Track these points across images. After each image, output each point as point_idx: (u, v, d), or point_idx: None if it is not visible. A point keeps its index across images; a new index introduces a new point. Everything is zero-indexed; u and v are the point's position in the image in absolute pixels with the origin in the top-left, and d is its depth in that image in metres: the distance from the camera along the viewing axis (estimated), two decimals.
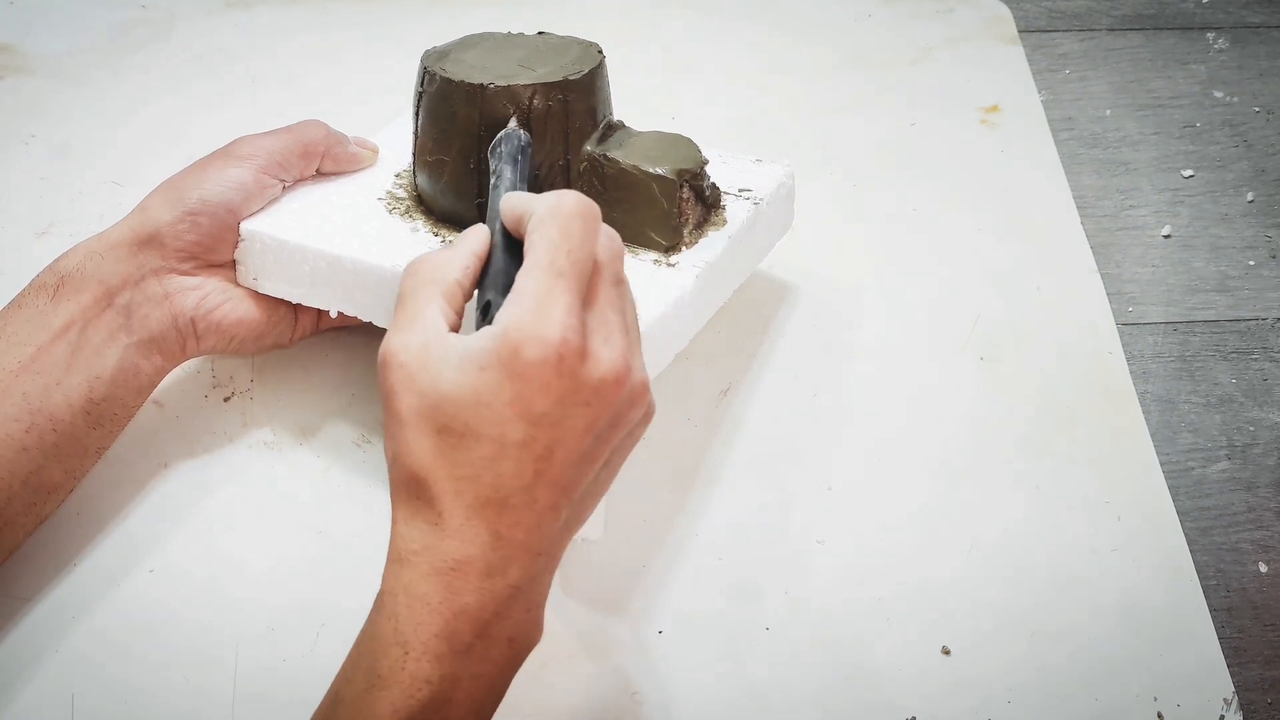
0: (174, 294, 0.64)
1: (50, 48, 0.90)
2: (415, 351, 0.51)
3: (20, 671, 0.61)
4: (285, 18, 0.92)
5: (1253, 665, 0.64)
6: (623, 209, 0.65)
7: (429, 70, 0.65)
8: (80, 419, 0.61)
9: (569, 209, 0.52)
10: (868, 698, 0.62)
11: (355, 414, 0.71)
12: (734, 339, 0.74)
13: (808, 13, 0.94)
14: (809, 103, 0.88)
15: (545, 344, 0.49)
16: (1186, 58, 0.93)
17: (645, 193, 0.65)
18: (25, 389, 0.60)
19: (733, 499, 0.68)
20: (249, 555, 0.65)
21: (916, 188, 0.83)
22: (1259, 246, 0.83)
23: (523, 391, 0.49)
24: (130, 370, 0.63)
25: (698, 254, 0.66)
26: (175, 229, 0.64)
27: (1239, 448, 0.73)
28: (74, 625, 0.62)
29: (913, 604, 0.65)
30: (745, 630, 0.64)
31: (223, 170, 0.65)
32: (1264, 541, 0.69)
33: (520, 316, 0.50)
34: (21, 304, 0.62)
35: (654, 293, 0.63)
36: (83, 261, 0.63)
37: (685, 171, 0.65)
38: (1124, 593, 0.65)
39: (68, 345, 0.61)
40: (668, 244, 0.66)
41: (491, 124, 0.64)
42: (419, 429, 0.50)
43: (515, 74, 0.64)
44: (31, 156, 0.83)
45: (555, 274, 0.50)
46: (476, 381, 0.50)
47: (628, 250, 0.65)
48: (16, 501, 0.60)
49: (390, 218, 0.68)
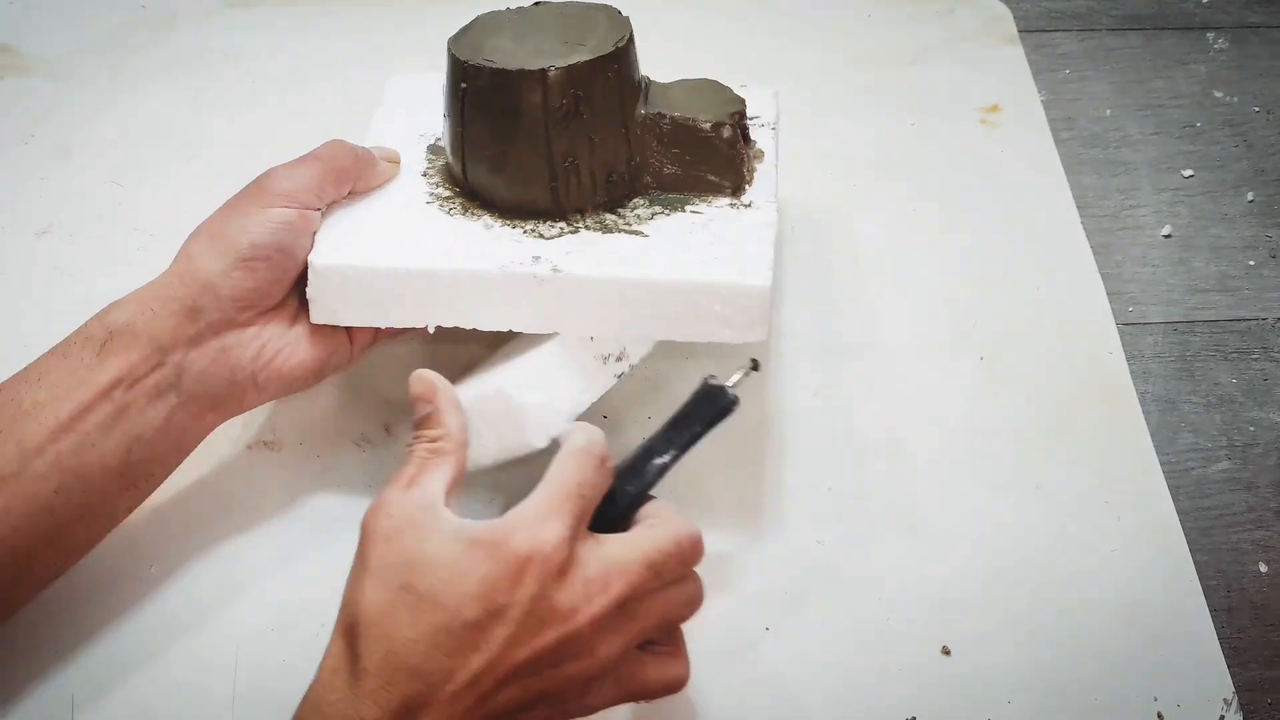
0: (232, 348, 0.61)
1: (50, 48, 0.90)
2: (409, 511, 0.53)
3: (20, 671, 0.61)
4: (285, 18, 0.92)
5: (1253, 665, 0.64)
6: (685, 162, 0.67)
7: (470, 64, 0.64)
8: (114, 480, 0.58)
9: (595, 451, 0.55)
10: (868, 698, 0.62)
11: (355, 414, 0.71)
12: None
13: (807, 13, 0.94)
14: (809, 103, 0.88)
15: (534, 542, 0.52)
16: (1186, 58, 0.93)
17: (706, 142, 0.67)
18: (60, 448, 0.57)
19: (732, 499, 0.68)
20: (249, 555, 0.65)
21: (916, 187, 0.83)
22: (1259, 246, 0.83)
23: (494, 574, 0.51)
24: (176, 430, 0.60)
25: (761, 188, 0.68)
26: (230, 278, 0.60)
27: (1239, 448, 0.73)
28: (74, 625, 0.62)
29: (913, 604, 0.65)
30: (745, 630, 0.64)
31: (265, 210, 0.62)
32: (1264, 541, 0.69)
33: (525, 513, 0.53)
34: (66, 353, 0.59)
35: (756, 234, 0.65)
36: (133, 316, 0.59)
37: (735, 114, 0.67)
38: (1124, 593, 0.65)
39: (111, 405, 0.58)
40: (733, 185, 0.68)
41: (557, 108, 0.63)
42: (380, 580, 0.52)
43: (565, 52, 0.64)
44: (31, 156, 0.83)
45: (565, 495, 0.53)
46: (460, 553, 0.52)
47: (694, 202, 0.67)
48: (38, 560, 0.58)
49: (455, 219, 0.67)
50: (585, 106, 0.64)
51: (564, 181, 0.65)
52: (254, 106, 0.86)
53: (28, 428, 0.57)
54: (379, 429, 0.70)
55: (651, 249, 0.64)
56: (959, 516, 0.68)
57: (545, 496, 0.53)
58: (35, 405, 0.57)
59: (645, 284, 0.63)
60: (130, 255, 0.77)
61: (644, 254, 0.64)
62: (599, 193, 0.66)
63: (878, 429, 0.71)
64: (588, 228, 0.66)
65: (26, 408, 0.57)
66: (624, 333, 0.64)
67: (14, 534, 0.56)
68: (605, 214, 0.67)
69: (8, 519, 0.56)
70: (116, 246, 0.78)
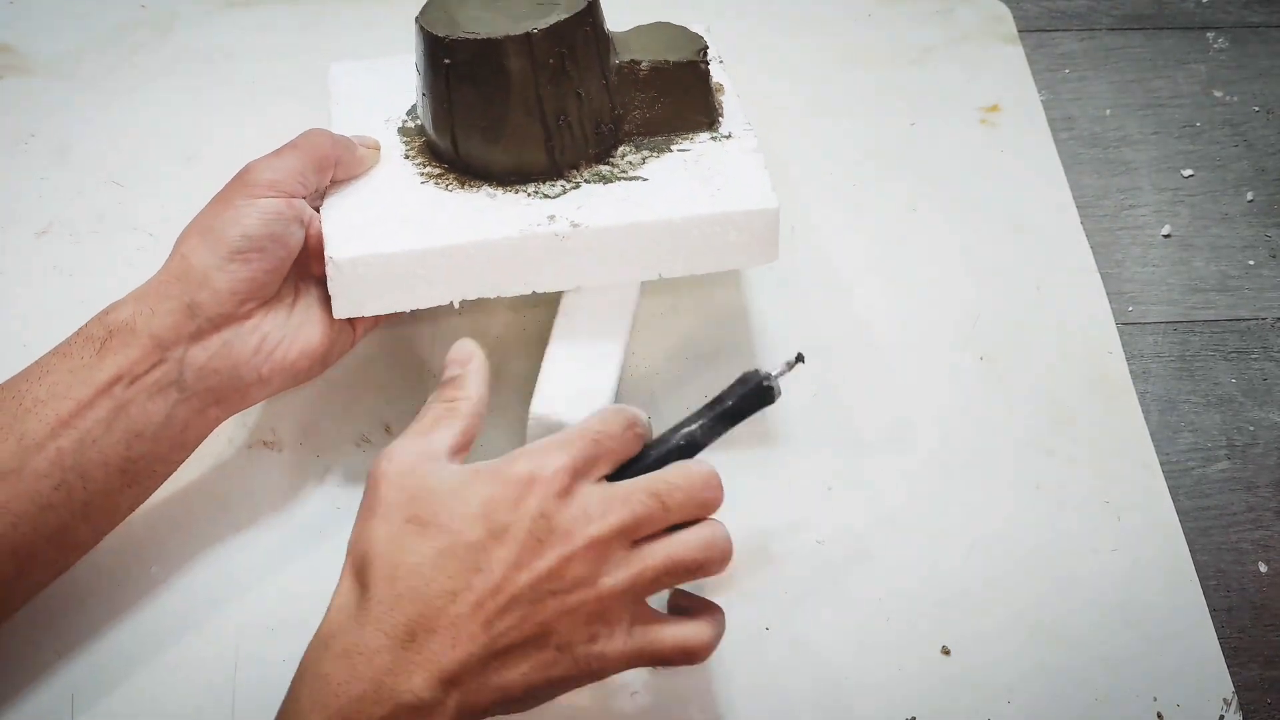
0: (233, 342, 0.61)
1: (50, 48, 0.89)
2: (414, 459, 0.54)
3: (20, 671, 0.61)
4: (285, 18, 0.92)
5: (1253, 665, 0.64)
6: (663, 104, 0.69)
7: (452, 38, 0.64)
8: (115, 477, 0.59)
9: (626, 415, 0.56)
10: (868, 697, 0.62)
11: (355, 414, 0.71)
12: (734, 339, 0.74)
13: (807, 12, 0.94)
14: (809, 103, 0.88)
15: (536, 465, 0.53)
16: (1186, 58, 0.93)
17: (682, 82, 0.69)
18: (60, 444, 0.57)
19: (733, 499, 0.68)
20: (249, 555, 0.65)
21: (916, 188, 0.83)
22: (1259, 246, 0.83)
23: (496, 496, 0.52)
24: (177, 426, 0.60)
25: (733, 120, 0.71)
26: (225, 271, 0.61)
27: (1239, 448, 0.73)
28: (74, 625, 0.62)
29: (913, 604, 0.65)
30: (745, 630, 0.64)
31: (253, 201, 0.62)
32: (1264, 541, 0.69)
33: (533, 446, 0.54)
34: (67, 353, 0.59)
35: (747, 161, 0.68)
36: (132, 315, 0.60)
37: (702, 50, 0.69)
38: (1124, 593, 0.65)
39: (111, 401, 0.58)
40: (710, 120, 0.70)
41: (545, 67, 0.65)
42: (388, 518, 0.53)
43: (541, 14, 0.65)
44: (31, 156, 0.83)
45: (572, 437, 0.55)
46: (464, 482, 0.53)
47: (677, 141, 0.69)
48: (38, 558, 0.58)
49: (456, 194, 0.67)
50: (570, 63, 0.65)
51: (559, 139, 0.67)
52: (254, 106, 0.86)
53: (28, 425, 0.57)
54: (379, 429, 0.70)
55: (657, 191, 0.67)
56: (959, 516, 0.68)
57: (560, 435, 0.55)
58: (36, 402, 0.57)
59: (663, 225, 0.66)
60: (130, 255, 0.77)
61: (652, 197, 0.66)
62: (590, 145, 0.68)
63: (878, 429, 0.71)
64: (587, 181, 0.67)
65: (27, 405, 0.57)
66: (643, 275, 0.67)
67: (13, 531, 0.56)
68: (599, 166, 0.68)
69: (7, 516, 0.56)
70: (116, 246, 0.78)
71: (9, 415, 0.57)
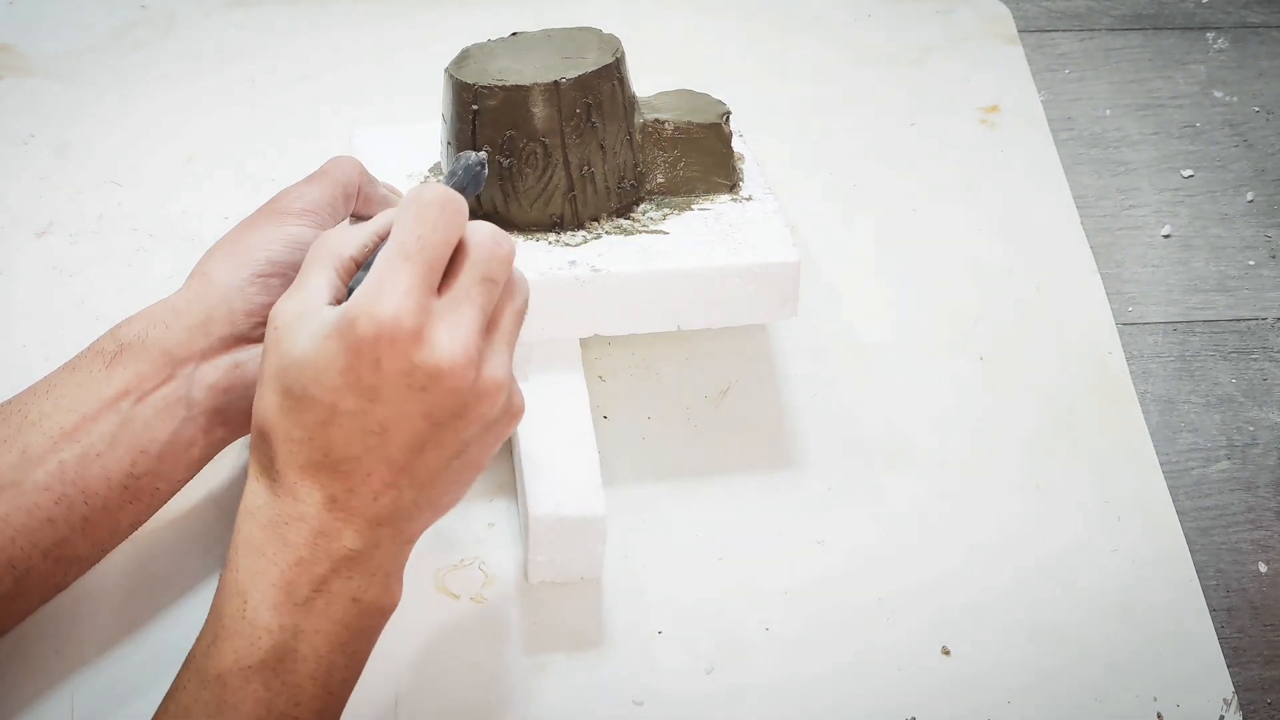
0: (245, 363, 0.60)
1: (50, 48, 0.89)
2: (289, 316, 0.53)
3: (20, 671, 0.61)
4: (285, 17, 0.92)
5: (1253, 665, 0.64)
6: (685, 164, 0.70)
7: (481, 85, 0.65)
8: (117, 493, 0.58)
9: (428, 197, 0.53)
10: (868, 698, 0.62)
11: None
12: (734, 339, 0.74)
13: (807, 12, 0.94)
14: (808, 102, 0.88)
15: (376, 321, 0.51)
16: (1186, 58, 0.93)
17: (704, 144, 0.70)
18: (62, 457, 0.56)
19: (733, 499, 0.68)
20: None
21: (916, 188, 0.83)
22: (1259, 246, 0.83)
23: (353, 364, 0.51)
24: (182, 445, 0.59)
25: (754, 183, 0.71)
26: (245, 293, 0.60)
27: (1239, 448, 0.73)
28: (74, 625, 0.62)
29: (913, 604, 0.65)
30: (745, 630, 0.64)
31: (280, 228, 0.62)
32: (1264, 541, 0.69)
33: (361, 293, 0.51)
34: (76, 366, 0.59)
35: (769, 220, 0.69)
36: (145, 329, 0.59)
37: (724, 114, 0.70)
38: (1124, 593, 0.65)
39: (117, 416, 0.57)
40: (731, 183, 0.71)
41: (571, 118, 0.65)
42: (271, 387, 0.53)
43: (569, 66, 0.66)
44: (31, 156, 0.83)
45: (402, 257, 0.52)
46: (318, 349, 0.51)
47: (698, 201, 0.70)
48: (35, 573, 0.57)
49: None
50: (595, 115, 0.66)
51: (581, 191, 0.67)
52: (254, 106, 0.86)
53: (31, 437, 0.57)
54: None
55: (679, 244, 0.67)
56: (959, 516, 0.68)
57: (383, 262, 0.52)
58: (41, 415, 0.57)
59: (685, 274, 0.66)
60: (130, 255, 0.77)
61: (674, 249, 0.67)
62: (612, 199, 0.68)
63: (877, 429, 0.71)
64: (608, 233, 0.68)
65: (33, 418, 0.57)
66: (661, 326, 0.67)
67: (11, 545, 0.56)
68: (620, 220, 0.69)
69: (6, 529, 0.56)
70: (116, 246, 0.78)
71: (14, 429, 0.57)
